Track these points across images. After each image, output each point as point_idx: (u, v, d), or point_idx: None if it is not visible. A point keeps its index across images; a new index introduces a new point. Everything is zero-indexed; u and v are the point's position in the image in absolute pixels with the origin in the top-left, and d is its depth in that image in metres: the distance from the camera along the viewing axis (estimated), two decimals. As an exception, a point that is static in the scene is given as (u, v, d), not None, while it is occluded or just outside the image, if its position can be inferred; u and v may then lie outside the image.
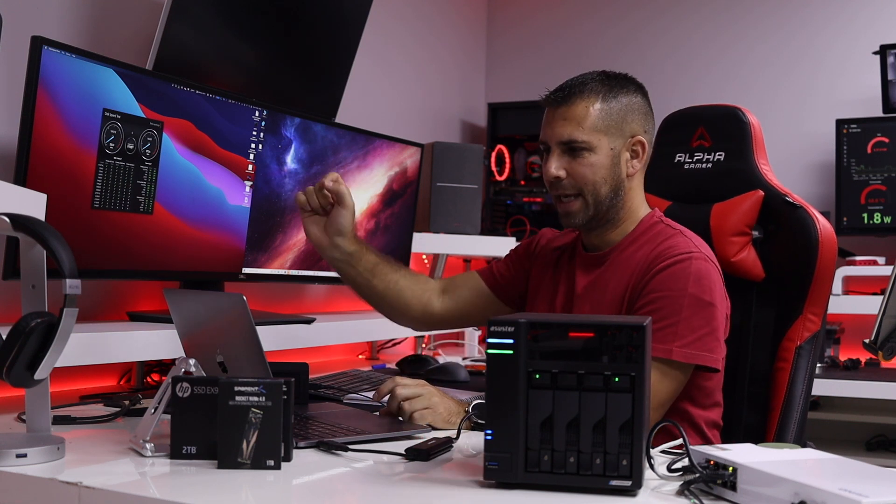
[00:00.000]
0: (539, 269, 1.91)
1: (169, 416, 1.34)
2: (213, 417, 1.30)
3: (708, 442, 1.70)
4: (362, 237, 2.70)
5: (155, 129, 2.01)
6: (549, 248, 1.92)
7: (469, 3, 4.22)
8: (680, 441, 1.30)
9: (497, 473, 1.20)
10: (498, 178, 3.94)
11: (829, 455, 1.25)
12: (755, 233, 1.91)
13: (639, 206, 1.79)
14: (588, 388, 1.18)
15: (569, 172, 1.73)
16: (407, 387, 1.63)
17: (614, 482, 1.17)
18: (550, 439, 1.18)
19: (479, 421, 1.55)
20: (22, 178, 1.74)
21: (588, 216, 1.74)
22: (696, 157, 2.00)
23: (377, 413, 1.71)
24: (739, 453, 1.20)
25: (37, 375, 1.28)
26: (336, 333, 2.61)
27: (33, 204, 1.63)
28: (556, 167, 1.73)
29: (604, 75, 1.76)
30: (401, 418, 1.60)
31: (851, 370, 3.20)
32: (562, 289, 1.83)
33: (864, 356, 3.33)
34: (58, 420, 1.59)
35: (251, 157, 2.29)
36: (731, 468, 1.16)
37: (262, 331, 1.39)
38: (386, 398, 1.66)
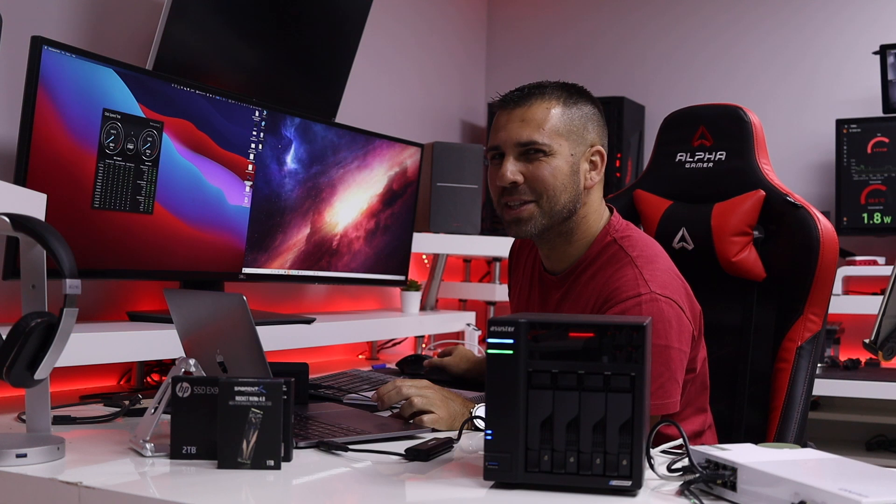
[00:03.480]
0: (516, 278, 1.92)
1: (169, 416, 1.34)
2: (213, 417, 1.30)
3: None
4: (363, 236, 2.70)
5: (155, 129, 2.01)
6: (521, 260, 1.91)
7: (469, 3, 4.22)
8: (680, 441, 1.30)
9: (497, 473, 1.20)
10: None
11: (829, 455, 1.25)
12: (756, 232, 1.91)
13: (596, 221, 1.72)
14: (588, 388, 1.18)
15: (526, 177, 1.64)
16: (414, 397, 1.61)
17: (614, 482, 1.17)
18: (550, 439, 1.18)
19: (481, 429, 1.54)
20: (22, 178, 1.74)
21: (542, 225, 1.66)
22: (697, 157, 2.00)
23: (378, 413, 1.71)
24: (739, 453, 1.20)
25: (37, 375, 1.28)
26: (336, 333, 2.61)
27: (33, 204, 1.63)
28: (512, 171, 1.63)
29: (560, 84, 1.69)
30: (411, 421, 1.60)
31: (851, 370, 3.20)
32: (525, 307, 1.83)
33: (864, 356, 3.33)
34: (58, 420, 1.59)
35: (251, 157, 2.29)
36: (731, 468, 1.16)
37: (262, 331, 1.39)
38: (396, 404, 1.65)
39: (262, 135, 2.31)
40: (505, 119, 1.67)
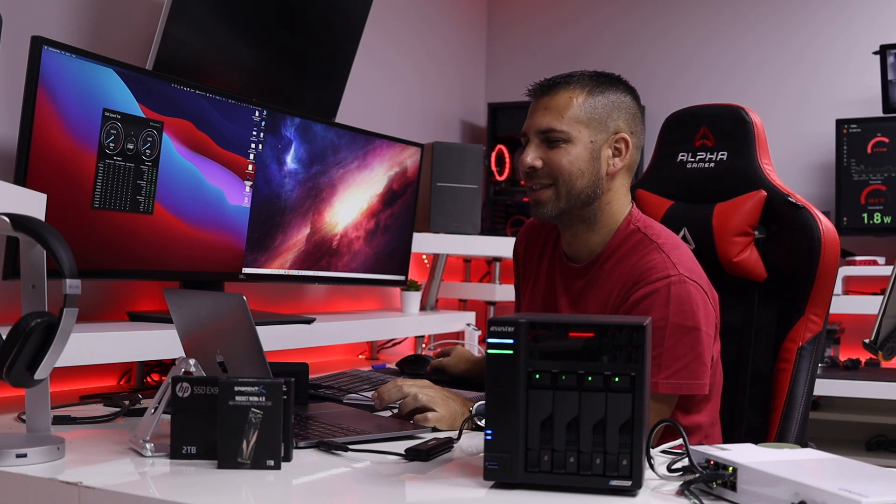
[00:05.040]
0: (527, 272, 1.92)
1: (169, 416, 1.34)
2: (213, 417, 1.30)
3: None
4: (363, 236, 2.70)
5: (155, 129, 2.01)
6: (532, 252, 1.92)
7: (469, 3, 4.22)
8: (680, 441, 1.30)
9: (497, 473, 1.20)
10: (498, 178, 3.94)
11: (829, 455, 1.25)
12: (757, 233, 1.91)
13: (620, 210, 1.75)
14: (588, 388, 1.18)
15: (545, 163, 1.70)
16: (418, 394, 1.61)
17: (614, 482, 1.17)
18: (550, 439, 1.18)
19: (481, 425, 1.54)
20: (22, 178, 1.74)
21: (559, 208, 1.71)
22: (698, 157, 2.00)
23: (377, 413, 1.71)
24: (739, 453, 1.20)
25: (37, 375, 1.28)
26: (336, 333, 2.61)
27: (33, 204, 1.63)
28: (532, 157, 1.70)
29: (595, 73, 1.74)
30: (411, 421, 1.60)
31: (851, 370, 3.20)
32: (543, 299, 1.83)
33: (864, 356, 3.33)
34: (58, 420, 1.59)
35: (251, 157, 2.29)
36: (731, 468, 1.16)
37: (262, 331, 1.39)
38: (396, 402, 1.65)
39: (262, 135, 2.31)
40: (533, 107, 1.74)
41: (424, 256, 3.47)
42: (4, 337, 1.28)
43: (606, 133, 1.70)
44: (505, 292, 3.56)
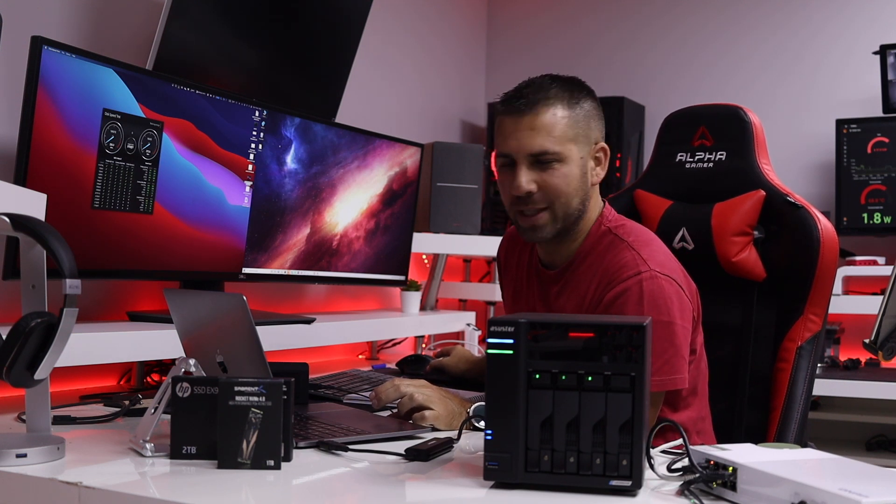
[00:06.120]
0: (509, 277, 1.93)
1: (169, 416, 1.34)
2: (213, 417, 1.30)
3: None
4: (363, 236, 2.70)
5: (155, 129, 2.01)
6: (512, 258, 1.92)
7: (469, 3, 4.22)
8: (680, 441, 1.30)
9: (497, 473, 1.20)
10: (498, 177, 3.94)
11: (829, 455, 1.25)
12: (756, 233, 1.91)
13: (595, 214, 1.74)
14: (588, 388, 1.18)
15: (539, 185, 1.65)
16: (414, 393, 1.62)
17: (614, 482, 1.17)
18: (550, 439, 1.18)
19: (479, 426, 1.55)
20: (22, 178, 1.74)
21: (556, 229, 1.68)
22: (697, 157, 2.00)
23: (377, 413, 1.71)
24: (739, 453, 1.20)
25: (37, 375, 1.28)
26: (336, 333, 2.61)
27: (33, 204, 1.63)
28: (526, 181, 1.64)
29: (558, 80, 1.69)
30: (410, 420, 1.60)
31: (851, 370, 3.20)
32: (523, 306, 1.84)
33: (864, 356, 3.33)
34: (58, 420, 1.59)
35: (251, 157, 2.29)
36: (731, 468, 1.16)
37: (262, 331, 1.39)
38: (393, 401, 1.65)
39: (262, 135, 2.31)
40: (513, 126, 1.66)
41: (424, 256, 3.47)
42: (4, 337, 1.29)
43: (589, 145, 1.69)
44: (505, 292, 3.55)
